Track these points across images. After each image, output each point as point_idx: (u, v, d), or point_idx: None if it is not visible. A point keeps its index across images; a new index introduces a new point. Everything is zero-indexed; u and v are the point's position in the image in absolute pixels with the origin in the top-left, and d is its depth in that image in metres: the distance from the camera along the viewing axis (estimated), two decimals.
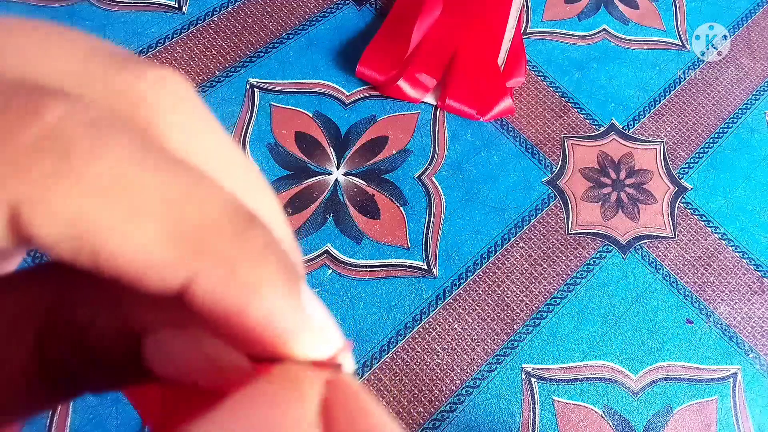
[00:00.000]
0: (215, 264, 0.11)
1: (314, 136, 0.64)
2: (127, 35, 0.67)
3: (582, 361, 0.57)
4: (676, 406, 0.56)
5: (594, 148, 0.68)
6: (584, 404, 0.56)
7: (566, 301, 0.60)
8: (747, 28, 0.78)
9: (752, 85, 0.74)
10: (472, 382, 0.55)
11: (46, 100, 0.10)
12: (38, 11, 0.67)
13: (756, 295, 0.62)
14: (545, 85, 0.71)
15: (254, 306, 0.11)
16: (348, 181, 0.63)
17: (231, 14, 0.70)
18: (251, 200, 0.13)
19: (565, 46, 0.74)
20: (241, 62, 0.67)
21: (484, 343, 0.57)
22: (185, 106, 0.13)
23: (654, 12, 0.78)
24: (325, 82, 0.68)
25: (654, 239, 0.63)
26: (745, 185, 0.68)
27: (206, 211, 0.11)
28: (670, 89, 0.72)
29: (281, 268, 0.11)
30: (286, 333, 0.11)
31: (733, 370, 0.58)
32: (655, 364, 0.58)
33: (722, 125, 0.71)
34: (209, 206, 0.11)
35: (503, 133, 0.67)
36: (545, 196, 0.65)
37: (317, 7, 0.72)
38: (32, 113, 0.10)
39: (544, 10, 0.76)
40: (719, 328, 0.60)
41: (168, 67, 0.13)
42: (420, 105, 0.67)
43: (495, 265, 0.61)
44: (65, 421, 0.50)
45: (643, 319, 0.60)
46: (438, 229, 0.61)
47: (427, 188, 0.63)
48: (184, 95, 0.13)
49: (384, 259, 0.59)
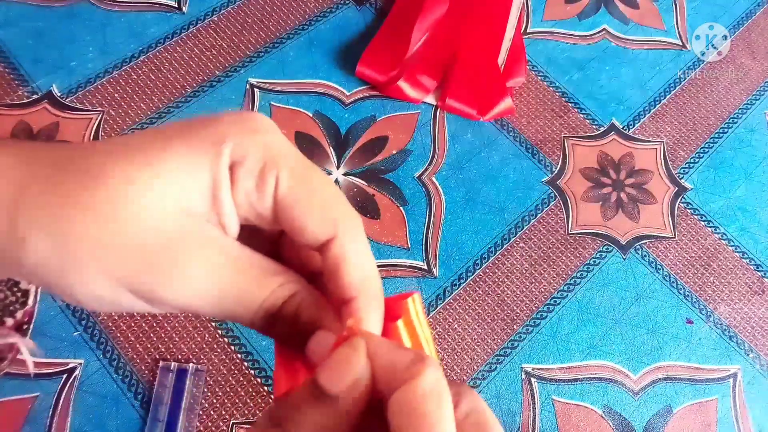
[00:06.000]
0: (344, 234, 0.22)
1: (314, 136, 0.64)
2: (127, 35, 0.67)
3: (582, 361, 0.57)
4: (676, 406, 0.56)
5: (594, 148, 0.68)
6: (584, 404, 0.56)
7: (566, 301, 0.60)
8: (747, 28, 0.78)
9: (752, 85, 0.74)
10: (471, 383, 0.55)
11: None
12: (38, 11, 0.67)
13: (756, 295, 0.62)
14: (545, 85, 0.71)
15: (345, 271, 0.22)
16: (348, 181, 0.63)
17: (231, 14, 0.70)
18: (347, 235, 0.22)
19: (565, 46, 0.74)
20: (241, 62, 0.67)
21: (484, 343, 0.57)
22: (292, 157, 0.22)
23: (654, 12, 0.78)
24: (325, 82, 0.68)
25: (654, 239, 0.63)
26: (745, 185, 0.68)
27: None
28: (670, 89, 0.72)
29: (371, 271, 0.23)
30: (356, 301, 0.22)
31: (733, 370, 0.58)
32: (655, 364, 0.58)
33: (722, 125, 0.71)
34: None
35: (503, 133, 0.67)
36: (545, 196, 0.65)
37: (317, 6, 0.72)
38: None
39: (544, 10, 0.76)
40: (719, 328, 0.60)
41: (269, 126, 0.22)
42: (420, 105, 0.67)
43: (495, 265, 0.60)
44: (65, 421, 0.50)
45: (643, 319, 0.60)
46: (438, 229, 0.61)
47: (427, 188, 0.63)
48: (287, 148, 0.22)
49: (384, 259, 0.59)
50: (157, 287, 0.20)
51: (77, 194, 0.19)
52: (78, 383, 0.52)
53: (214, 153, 0.20)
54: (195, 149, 0.20)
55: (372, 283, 0.22)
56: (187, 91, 0.65)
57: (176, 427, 0.50)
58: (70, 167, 0.19)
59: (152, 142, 0.20)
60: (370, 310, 0.22)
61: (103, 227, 0.19)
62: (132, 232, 0.19)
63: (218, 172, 0.20)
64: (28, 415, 0.50)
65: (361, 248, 0.22)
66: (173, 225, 0.20)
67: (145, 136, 0.21)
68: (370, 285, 0.22)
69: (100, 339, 0.53)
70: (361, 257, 0.22)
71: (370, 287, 0.22)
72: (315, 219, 0.21)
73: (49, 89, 0.63)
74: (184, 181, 0.20)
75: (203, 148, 0.20)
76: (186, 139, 0.20)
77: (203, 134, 0.20)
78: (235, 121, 0.21)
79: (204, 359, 0.53)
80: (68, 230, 0.19)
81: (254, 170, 0.21)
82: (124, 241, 0.19)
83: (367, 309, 0.22)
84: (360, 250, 0.22)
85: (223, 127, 0.21)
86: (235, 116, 0.21)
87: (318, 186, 0.22)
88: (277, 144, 0.22)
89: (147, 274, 0.20)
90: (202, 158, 0.20)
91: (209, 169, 0.20)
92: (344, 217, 0.22)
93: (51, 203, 0.19)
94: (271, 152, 0.21)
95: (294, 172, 0.21)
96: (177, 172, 0.20)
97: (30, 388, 0.51)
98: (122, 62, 0.66)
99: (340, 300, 0.22)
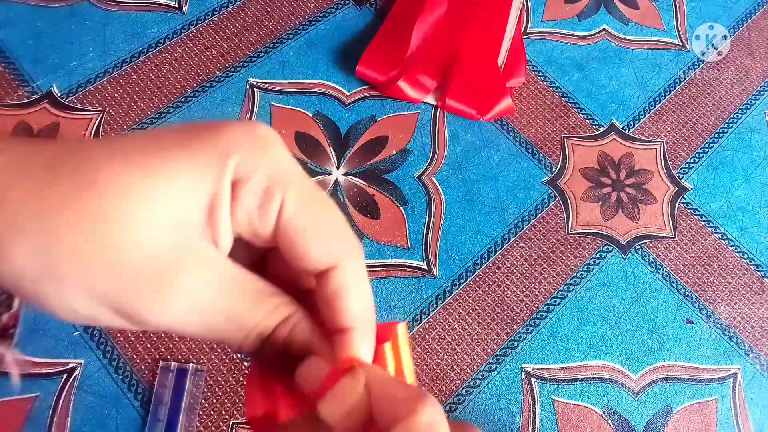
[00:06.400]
0: (346, 262, 0.22)
1: (314, 136, 0.64)
2: (127, 35, 0.67)
3: (582, 361, 0.57)
4: (676, 406, 0.56)
5: (594, 148, 0.68)
6: (584, 404, 0.56)
7: (566, 301, 0.60)
8: (747, 28, 0.78)
9: (752, 85, 0.74)
10: (472, 382, 0.55)
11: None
12: (38, 11, 0.67)
13: (756, 295, 0.62)
14: (545, 85, 0.71)
15: (346, 302, 0.21)
16: (348, 181, 0.63)
17: (231, 14, 0.70)
18: (350, 264, 0.22)
19: (565, 46, 0.74)
20: (241, 62, 0.67)
21: (484, 343, 0.57)
22: (300, 178, 0.21)
23: (654, 12, 0.78)
24: (325, 82, 0.68)
25: (654, 239, 0.63)
26: (745, 185, 0.68)
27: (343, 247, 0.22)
28: (670, 89, 0.72)
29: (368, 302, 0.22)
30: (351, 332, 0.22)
31: (733, 370, 0.58)
32: (655, 364, 0.58)
33: (722, 125, 0.71)
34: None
35: (503, 133, 0.67)
36: (545, 196, 0.65)
37: (317, 7, 0.72)
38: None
39: (544, 10, 0.76)
40: (719, 328, 0.60)
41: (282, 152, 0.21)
42: (420, 105, 0.67)
43: (495, 265, 0.60)
44: (65, 421, 0.50)
45: (643, 319, 0.60)
46: (438, 229, 0.61)
47: (427, 188, 0.63)
48: (294, 173, 0.21)
49: (384, 259, 0.59)
50: (142, 307, 0.19)
51: (67, 202, 0.18)
52: (78, 383, 0.52)
53: (218, 166, 0.19)
54: (198, 161, 0.19)
55: (370, 315, 0.22)
56: (187, 91, 0.65)
57: (176, 427, 0.50)
58: (64, 170, 0.18)
59: (154, 150, 0.19)
60: (367, 343, 0.22)
61: (90, 241, 0.18)
62: (122, 249, 0.18)
63: (220, 186, 0.19)
64: (28, 415, 0.50)
65: (362, 279, 0.22)
66: (167, 241, 0.19)
67: (147, 142, 0.19)
68: (367, 317, 0.22)
69: (100, 339, 0.53)
70: (363, 289, 0.22)
71: (368, 319, 0.22)
72: (320, 246, 0.21)
73: (49, 89, 0.63)
74: (184, 193, 0.19)
75: (207, 161, 0.19)
76: (189, 149, 0.19)
77: (208, 145, 0.19)
78: (243, 133, 0.20)
79: (204, 359, 0.53)
80: (52, 240, 0.18)
81: (259, 189, 0.20)
82: (112, 258, 0.18)
83: (363, 341, 0.22)
84: (361, 281, 0.22)
85: (230, 139, 0.20)
86: (242, 128, 0.20)
87: (325, 213, 0.21)
88: (285, 163, 0.21)
89: (133, 294, 0.18)
90: (206, 171, 0.19)
91: (212, 182, 0.19)
92: (349, 247, 0.22)
93: (38, 209, 0.18)
94: (279, 171, 0.20)
95: (301, 195, 0.21)
96: (177, 184, 0.19)
97: (30, 388, 0.51)
98: (122, 62, 0.66)
99: (335, 327, 0.22)
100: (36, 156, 0.18)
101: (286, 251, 0.21)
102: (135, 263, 0.18)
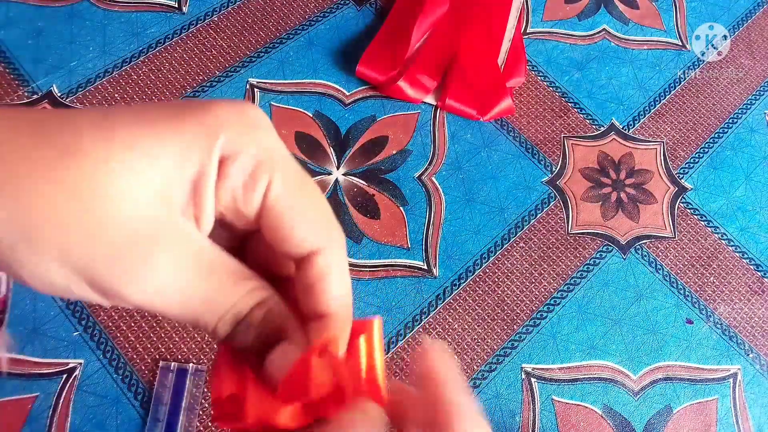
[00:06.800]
0: (327, 249, 0.22)
1: (314, 136, 0.64)
2: (127, 35, 0.67)
3: (582, 361, 0.57)
4: (676, 406, 0.56)
5: (594, 148, 0.68)
6: (584, 404, 0.56)
7: (566, 301, 0.60)
8: (747, 28, 0.78)
9: (752, 85, 0.74)
10: (472, 382, 0.55)
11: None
12: (38, 11, 0.67)
13: (756, 295, 0.62)
14: (545, 85, 0.71)
15: (327, 286, 0.22)
16: (348, 181, 0.63)
17: (231, 14, 0.70)
18: (333, 250, 0.22)
19: (565, 46, 0.74)
20: (241, 62, 0.67)
21: (484, 343, 0.57)
22: (288, 162, 0.21)
23: (654, 12, 0.78)
24: (325, 82, 0.68)
25: (654, 239, 0.63)
26: (745, 185, 0.68)
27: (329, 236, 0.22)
28: (670, 89, 0.72)
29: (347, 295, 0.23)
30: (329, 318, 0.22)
31: (733, 370, 0.58)
32: (655, 364, 0.58)
33: (722, 125, 0.71)
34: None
35: (503, 133, 0.67)
36: (545, 196, 0.65)
37: (317, 7, 0.72)
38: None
39: (544, 10, 0.76)
40: (719, 328, 0.60)
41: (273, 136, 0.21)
42: (420, 105, 0.67)
43: (495, 265, 0.61)
44: (65, 421, 0.50)
45: (643, 319, 0.60)
46: (438, 229, 0.61)
47: (427, 188, 0.63)
48: (285, 157, 0.21)
49: (384, 259, 0.59)
50: (117, 282, 0.18)
51: (47, 168, 0.17)
52: (78, 383, 0.52)
53: (206, 143, 0.19)
54: (185, 136, 0.19)
55: (347, 301, 0.22)
56: (187, 91, 0.65)
57: (176, 427, 0.50)
58: (47, 137, 0.18)
59: (140, 122, 0.19)
60: (343, 329, 0.22)
61: (66, 207, 0.17)
62: (99, 218, 0.18)
63: (207, 164, 0.19)
64: (28, 415, 0.50)
65: (343, 266, 0.22)
66: (147, 215, 0.18)
67: (134, 115, 0.19)
68: (345, 303, 0.22)
69: (100, 339, 0.53)
70: (344, 277, 0.22)
71: (346, 308, 0.22)
72: (305, 230, 0.21)
73: (49, 89, 0.63)
74: (167, 168, 0.19)
75: (194, 137, 0.19)
76: (176, 125, 0.19)
77: (196, 121, 0.19)
78: (232, 112, 0.20)
79: (204, 359, 0.53)
80: (30, 204, 0.17)
81: (246, 169, 0.20)
82: (88, 226, 0.18)
83: (340, 327, 0.22)
84: (343, 269, 0.22)
85: (219, 117, 0.20)
86: (231, 106, 0.20)
87: (311, 197, 0.21)
88: (273, 144, 0.21)
89: (108, 265, 0.18)
90: (192, 147, 0.19)
91: (198, 159, 0.19)
92: (335, 234, 0.22)
93: (16, 173, 0.17)
94: (267, 152, 0.20)
95: (288, 178, 0.21)
96: (161, 158, 0.19)
97: (30, 388, 0.51)
98: (122, 62, 0.66)
99: (312, 313, 0.22)
100: (19, 123, 0.18)
101: (269, 233, 0.21)
102: (112, 234, 0.18)
